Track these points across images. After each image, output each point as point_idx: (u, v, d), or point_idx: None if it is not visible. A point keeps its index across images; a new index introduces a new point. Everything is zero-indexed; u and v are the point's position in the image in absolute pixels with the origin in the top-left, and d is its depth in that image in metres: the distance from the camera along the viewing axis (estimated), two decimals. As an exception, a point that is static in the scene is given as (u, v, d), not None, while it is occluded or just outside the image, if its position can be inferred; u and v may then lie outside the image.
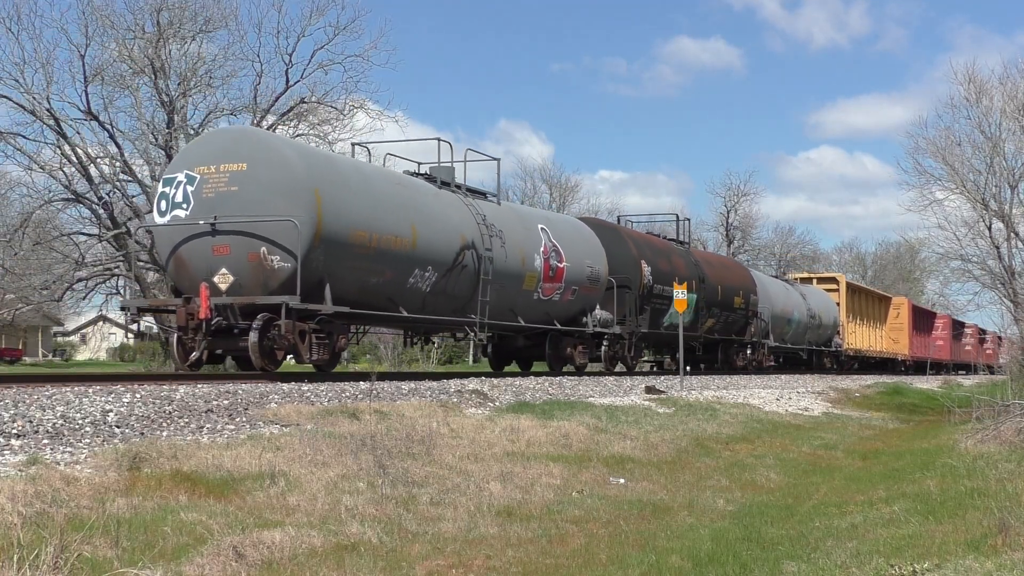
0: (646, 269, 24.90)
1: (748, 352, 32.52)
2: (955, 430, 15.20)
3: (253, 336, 13.93)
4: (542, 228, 20.79)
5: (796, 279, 42.82)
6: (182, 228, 14.61)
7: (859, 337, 45.78)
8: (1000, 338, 46.97)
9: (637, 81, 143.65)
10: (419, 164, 19.20)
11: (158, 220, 15.03)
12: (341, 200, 14.96)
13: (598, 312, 22.19)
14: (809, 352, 39.62)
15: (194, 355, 14.51)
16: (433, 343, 24.46)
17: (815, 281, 43.83)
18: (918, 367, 51.52)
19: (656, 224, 36.84)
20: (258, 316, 14.04)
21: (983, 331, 61.67)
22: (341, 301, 14.85)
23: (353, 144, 18.62)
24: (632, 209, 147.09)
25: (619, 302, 23.22)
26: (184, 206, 14.64)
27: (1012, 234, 27.67)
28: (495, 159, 20.72)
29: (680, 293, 21.83)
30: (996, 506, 7.54)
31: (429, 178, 18.49)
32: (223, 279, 14.38)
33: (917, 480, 10.54)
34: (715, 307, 29.23)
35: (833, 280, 44.87)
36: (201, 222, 14.36)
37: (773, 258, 75.09)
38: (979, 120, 27.82)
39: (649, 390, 18.76)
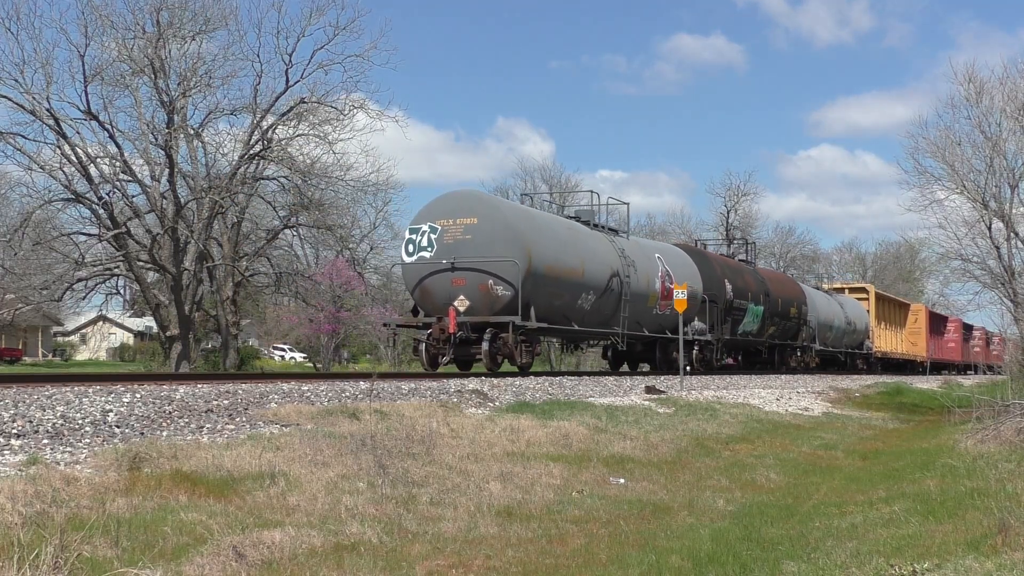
0: (728, 286, 29.42)
1: (799, 355, 37.31)
2: (955, 430, 15.17)
3: (485, 345, 18.76)
4: (657, 257, 25.97)
5: (831, 289, 47.36)
6: (428, 266, 19.57)
7: (884, 341, 49.90)
8: (1003, 340, 47.56)
9: (637, 79, 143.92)
10: (562, 207, 24.59)
11: (407, 260, 19.98)
12: (540, 244, 20.01)
13: (695, 323, 26.91)
14: (845, 355, 43.78)
15: (444, 359, 19.41)
16: (582, 348, 28.81)
17: (847, 291, 48.61)
18: (934, 367, 54.89)
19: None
20: (487, 331, 18.81)
21: (988, 333, 62.32)
22: (538, 318, 19.61)
23: (522, 194, 23.09)
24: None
25: (709, 314, 28.14)
26: (429, 249, 19.66)
27: (1012, 234, 27.53)
28: (624, 203, 26.74)
29: (680, 293, 22.31)
30: (996, 506, 7.53)
31: (581, 220, 23.45)
32: (461, 303, 19.13)
33: (917, 480, 10.53)
34: (776, 316, 33.85)
35: (863, 290, 49.50)
36: (443, 262, 19.34)
37: (773, 258, 74.98)
38: (979, 120, 27.67)
39: (649, 390, 18.76)
